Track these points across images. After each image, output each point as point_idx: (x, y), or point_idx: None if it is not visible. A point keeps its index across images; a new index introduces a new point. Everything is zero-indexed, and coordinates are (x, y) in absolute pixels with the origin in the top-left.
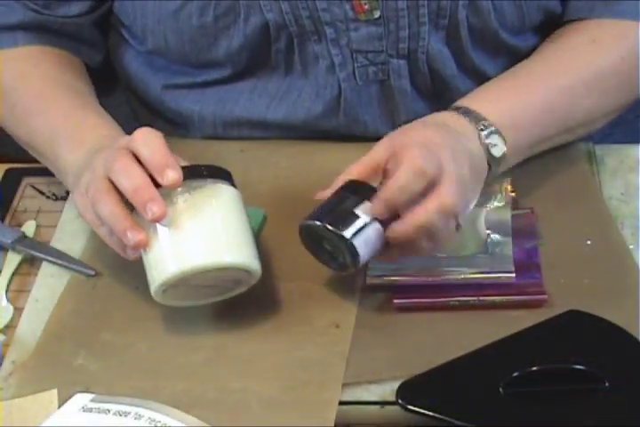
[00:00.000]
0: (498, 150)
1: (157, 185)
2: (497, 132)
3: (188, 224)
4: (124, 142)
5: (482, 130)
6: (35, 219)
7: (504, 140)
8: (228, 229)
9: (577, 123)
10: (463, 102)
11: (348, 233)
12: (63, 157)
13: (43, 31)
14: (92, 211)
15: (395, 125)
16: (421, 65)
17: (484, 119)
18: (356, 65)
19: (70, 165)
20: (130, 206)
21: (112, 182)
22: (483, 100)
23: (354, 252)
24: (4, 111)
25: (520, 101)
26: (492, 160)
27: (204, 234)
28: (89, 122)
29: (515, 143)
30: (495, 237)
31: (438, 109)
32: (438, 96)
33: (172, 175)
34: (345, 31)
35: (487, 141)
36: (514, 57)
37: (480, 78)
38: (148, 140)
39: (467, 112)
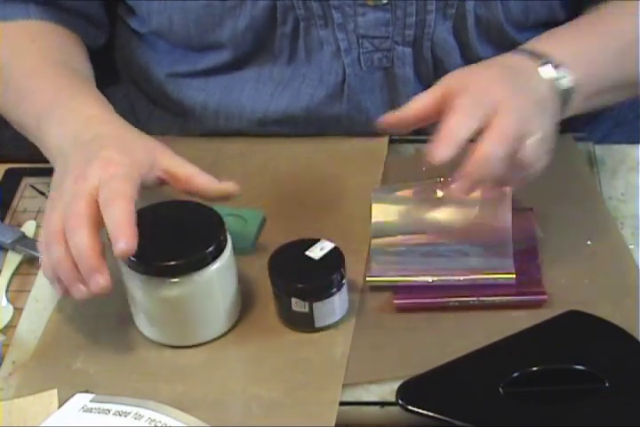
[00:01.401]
0: (565, 82)
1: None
2: (560, 65)
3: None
4: (90, 187)
5: (544, 64)
6: (35, 219)
7: (570, 72)
8: (199, 317)
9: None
10: (527, 46)
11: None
12: (48, 141)
13: (53, 7)
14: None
15: None
16: (426, 53)
17: (546, 55)
18: (361, 51)
19: (55, 149)
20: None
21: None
22: (547, 40)
23: None
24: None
25: (589, 42)
26: (562, 93)
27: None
28: (72, 103)
29: (584, 78)
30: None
31: None
32: None
33: (120, 247)
34: (352, 16)
35: (551, 76)
36: None
37: None
38: (115, 208)
39: (529, 52)
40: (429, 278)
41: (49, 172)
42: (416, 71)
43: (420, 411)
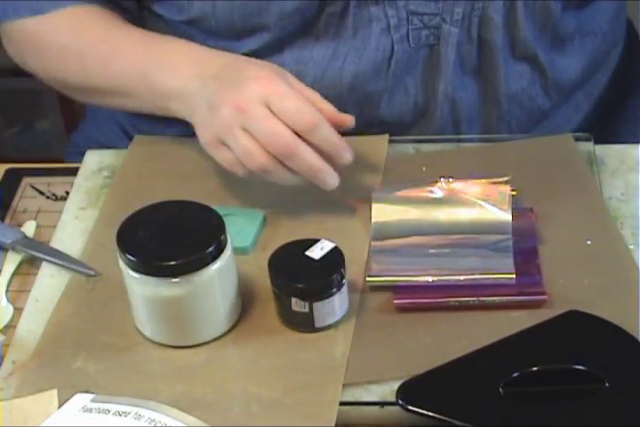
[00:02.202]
0: None
1: None
2: None
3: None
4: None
5: None
6: (35, 219)
7: None
8: (199, 316)
9: None
10: None
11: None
12: (163, 85)
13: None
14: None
15: (432, 93)
16: (472, 32)
17: None
18: (410, 27)
19: (175, 90)
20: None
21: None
22: None
23: None
24: (72, 67)
25: None
26: None
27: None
28: (170, 49)
29: None
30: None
31: (478, 88)
32: (478, 71)
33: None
34: None
35: None
36: (556, 40)
37: (524, 58)
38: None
39: None
40: (429, 278)
41: (49, 172)
42: (459, 51)
43: (420, 411)
